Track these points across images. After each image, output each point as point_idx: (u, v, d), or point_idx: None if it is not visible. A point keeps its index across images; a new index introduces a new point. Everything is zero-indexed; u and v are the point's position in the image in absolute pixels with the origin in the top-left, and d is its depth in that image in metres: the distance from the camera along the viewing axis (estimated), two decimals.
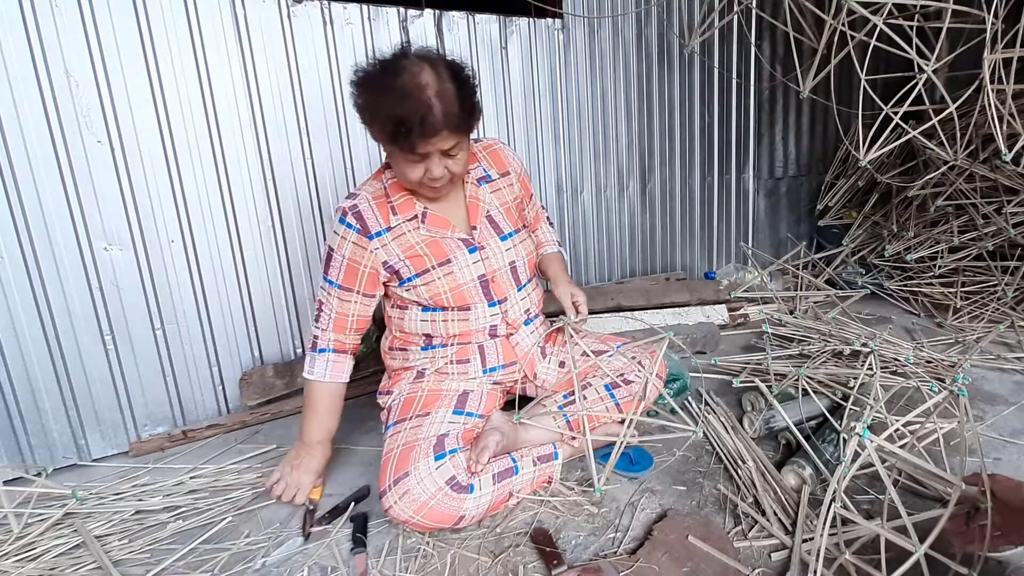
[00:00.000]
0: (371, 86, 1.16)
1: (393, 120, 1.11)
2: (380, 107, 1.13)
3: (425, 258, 1.32)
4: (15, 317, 1.50)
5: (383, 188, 1.33)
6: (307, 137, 1.89)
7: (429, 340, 1.40)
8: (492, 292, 1.38)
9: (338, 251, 1.32)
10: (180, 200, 1.71)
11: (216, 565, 1.18)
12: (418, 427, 1.27)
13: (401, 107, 1.10)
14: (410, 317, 1.39)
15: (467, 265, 1.35)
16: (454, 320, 1.37)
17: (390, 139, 1.15)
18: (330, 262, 1.34)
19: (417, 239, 1.32)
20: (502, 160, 1.47)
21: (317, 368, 1.37)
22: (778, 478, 1.31)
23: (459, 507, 1.17)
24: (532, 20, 2.26)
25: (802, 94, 2.34)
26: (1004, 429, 1.54)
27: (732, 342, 2.31)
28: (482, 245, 1.37)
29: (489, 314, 1.39)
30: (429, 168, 1.19)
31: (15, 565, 1.17)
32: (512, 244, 1.41)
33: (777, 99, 3.06)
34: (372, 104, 1.16)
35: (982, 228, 2.42)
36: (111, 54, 1.56)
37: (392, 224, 1.31)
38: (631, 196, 2.66)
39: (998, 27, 1.91)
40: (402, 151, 1.16)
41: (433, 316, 1.37)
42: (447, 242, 1.34)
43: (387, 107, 1.12)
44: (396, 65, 1.14)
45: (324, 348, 1.37)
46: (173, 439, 1.71)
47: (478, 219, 1.38)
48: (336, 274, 1.33)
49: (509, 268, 1.40)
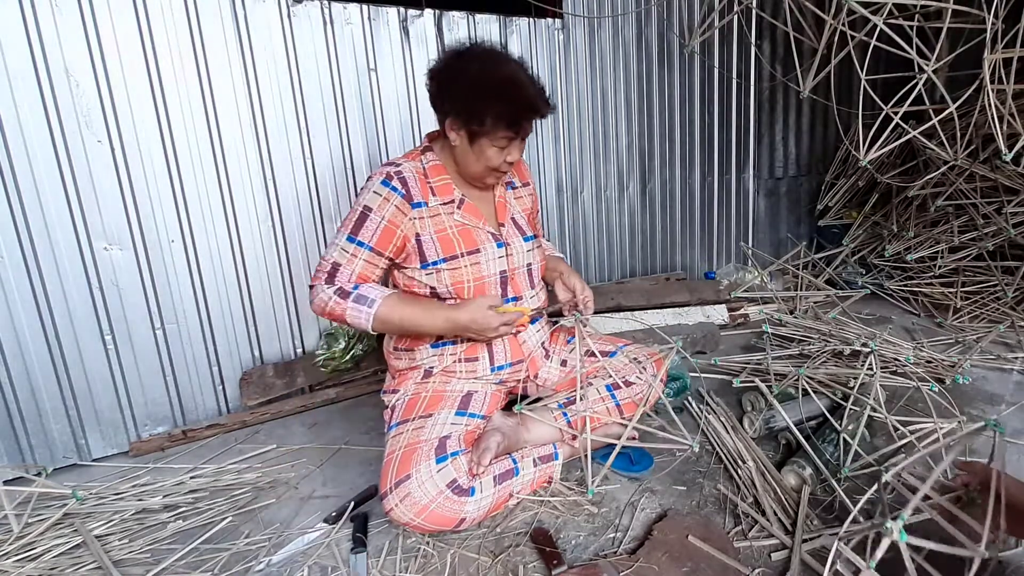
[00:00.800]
0: (482, 65, 1.24)
1: (514, 99, 1.21)
2: (499, 85, 1.21)
3: (456, 243, 1.33)
4: (15, 317, 1.50)
5: (422, 168, 1.34)
6: (307, 137, 1.89)
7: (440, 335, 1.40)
8: (510, 288, 1.40)
9: (377, 212, 1.27)
10: (180, 200, 1.71)
11: (216, 565, 1.18)
12: (420, 429, 1.27)
13: (518, 88, 1.22)
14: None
15: (493, 259, 1.36)
16: None
17: (506, 118, 1.22)
18: (363, 222, 1.27)
19: (451, 223, 1.34)
20: (523, 172, 1.56)
21: (370, 296, 1.25)
22: (778, 478, 1.31)
23: (460, 510, 1.17)
24: (532, 20, 2.26)
25: (802, 94, 2.34)
26: (1004, 429, 1.54)
27: (732, 342, 2.31)
28: (508, 242, 1.40)
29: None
30: (509, 152, 1.28)
31: (15, 565, 1.17)
32: (531, 247, 1.46)
33: (777, 99, 3.06)
34: (488, 80, 1.22)
35: (982, 228, 2.42)
36: (111, 54, 1.56)
37: (430, 202, 1.32)
38: (631, 196, 2.66)
39: (998, 27, 1.91)
40: (504, 132, 1.24)
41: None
42: (478, 232, 1.36)
43: (506, 86, 1.21)
44: (499, 55, 1.27)
45: (357, 285, 1.28)
46: (173, 439, 1.71)
47: (506, 218, 1.43)
48: (369, 236, 1.27)
49: (526, 269, 1.44)
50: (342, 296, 1.25)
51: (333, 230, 1.98)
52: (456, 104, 1.24)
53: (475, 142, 1.26)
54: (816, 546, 1.11)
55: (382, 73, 1.99)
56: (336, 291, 1.26)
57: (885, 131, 2.14)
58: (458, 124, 1.26)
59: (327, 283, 1.27)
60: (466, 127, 1.25)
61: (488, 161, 1.28)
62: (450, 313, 1.28)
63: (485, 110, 1.21)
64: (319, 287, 1.27)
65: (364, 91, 1.96)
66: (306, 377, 1.91)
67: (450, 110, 1.26)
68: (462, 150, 1.29)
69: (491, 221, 1.41)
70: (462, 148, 1.29)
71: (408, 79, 2.03)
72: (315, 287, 1.28)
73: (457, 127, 1.26)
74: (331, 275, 1.28)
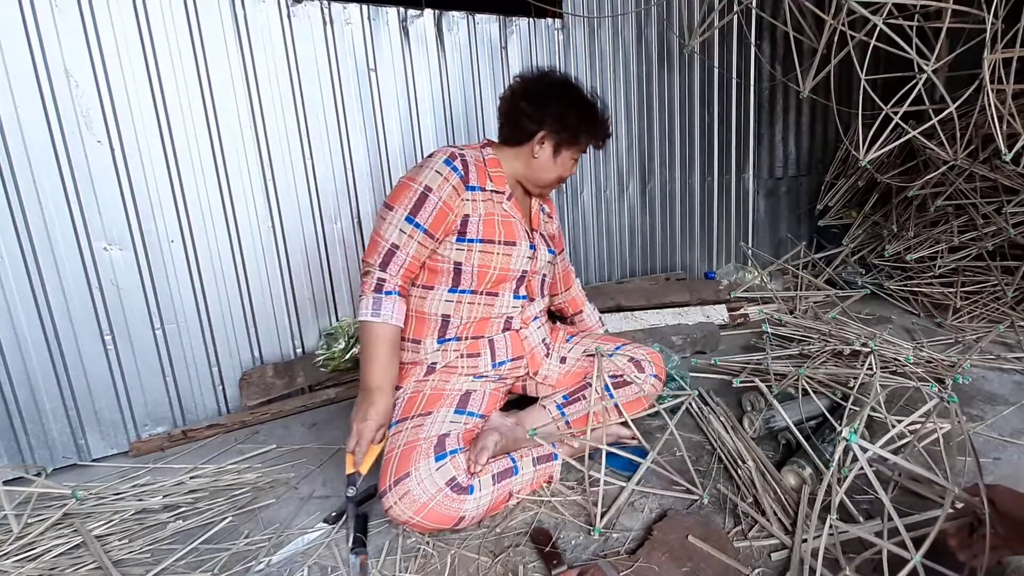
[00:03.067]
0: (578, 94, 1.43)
1: (601, 123, 1.45)
2: (593, 112, 1.43)
3: (497, 230, 1.38)
4: (15, 317, 1.50)
5: (482, 157, 1.42)
6: (307, 137, 1.89)
7: (445, 329, 1.40)
8: (524, 288, 1.46)
9: (437, 191, 1.30)
10: (180, 200, 1.71)
11: (216, 565, 1.18)
12: (419, 427, 1.27)
13: (601, 114, 1.45)
14: (434, 297, 1.38)
15: (523, 255, 1.41)
16: (479, 304, 1.39)
17: (591, 133, 1.44)
18: (423, 202, 1.30)
19: (499, 211, 1.40)
20: (550, 203, 1.68)
21: (384, 309, 1.29)
22: (778, 478, 1.31)
23: (459, 508, 1.17)
24: (532, 20, 2.26)
25: (802, 94, 2.34)
26: (1004, 429, 1.54)
27: (732, 342, 2.31)
28: (537, 246, 1.48)
29: (512, 304, 1.43)
30: (575, 165, 1.48)
31: (15, 565, 1.17)
32: (551, 260, 1.55)
33: (777, 99, 3.06)
34: (587, 108, 1.42)
35: (982, 228, 2.42)
36: (111, 54, 1.56)
37: (486, 187, 1.39)
38: (631, 196, 2.66)
39: (998, 27, 1.91)
40: (582, 146, 1.44)
41: (460, 297, 1.38)
42: (518, 227, 1.42)
43: (597, 113, 1.44)
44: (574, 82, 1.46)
45: (391, 291, 1.31)
46: (173, 439, 1.71)
47: (539, 227, 1.55)
48: (426, 217, 1.30)
49: (542, 277, 1.52)
50: (377, 290, 1.30)
51: (333, 230, 1.98)
52: (558, 122, 1.39)
53: (559, 154, 1.42)
54: (816, 546, 1.11)
55: (382, 73, 1.99)
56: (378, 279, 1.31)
57: (885, 131, 2.14)
58: (552, 138, 1.40)
59: (381, 268, 1.31)
60: (558, 139, 1.40)
61: (563, 171, 1.45)
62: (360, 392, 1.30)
63: (584, 130, 1.42)
64: (373, 269, 1.31)
65: (364, 91, 1.96)
66: (306, 377, 1.91)
67: (548, 124, 1.39)
68: (544, 160, 1.43)
69: (527, 223, 1.49)
70: (544, 158, 1.42)
71: (408, 79, 2.03)
72: (370, 267, 1.32)
73: (548, 140, 1.40)
74: (387, 259, 1.31)
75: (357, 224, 2.02)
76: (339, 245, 2.00)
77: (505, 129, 1.45)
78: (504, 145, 1.46)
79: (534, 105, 1.39)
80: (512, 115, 1.42)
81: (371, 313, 1.28)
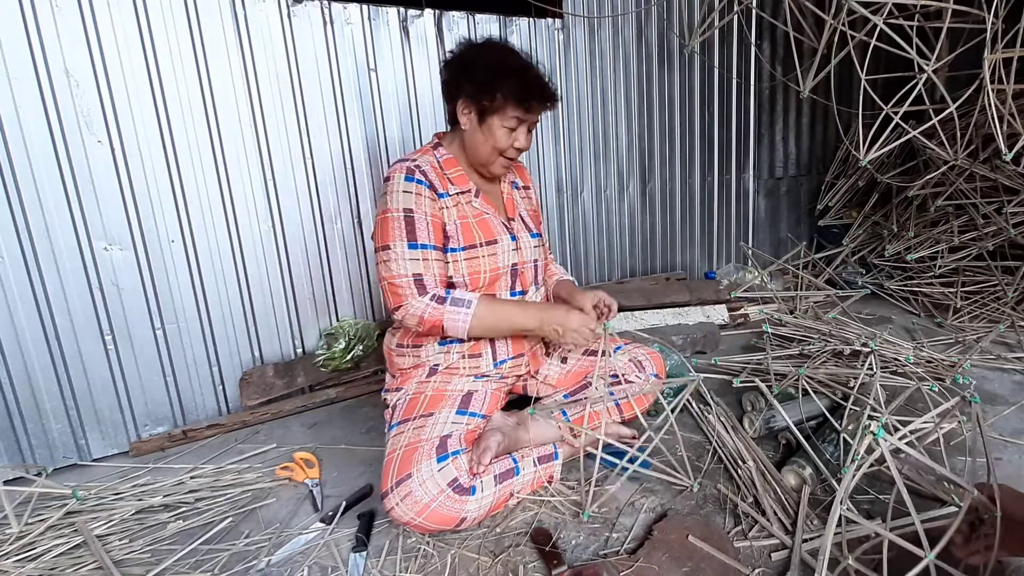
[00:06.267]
0: (497, 51, 1.31)
1: (526, 79, 1.27)
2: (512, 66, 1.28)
3: (475, 233, 1.35)
4: (15, 317, 1.50)
5: (436, 162, 1.37)
6: (307, 137, 1.89)
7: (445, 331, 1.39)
8: (518, 282, 1.43)
9: (418, 209, 1.28)
10: (180, 200, 1.71)
11: (216, 565, 1.18)
12: (421, 428, 1.27)
13: (530, 71, 1.29)
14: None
15: (507, 250, 1.39)
16: None
17: (516, 94, 1.26)
18: (412, 224, 1.27)
19: (470, 212, 1.36)
20: (525, 175, 1.60)
21: (465, 297, 1.28)
22: (778, 478, 1.31)
23: (461, 509, 1.17)
24: (532, 20, 2.26)
25: (802, 94, 2.34)
26: (1004, 429, 1.54)
27: (732, 342, 2.31)
28: (518, 236, 1.43)
29: None
30: (517, 137, 1.32)
31: (15, 565, 1.17)
32: (538, 243, 1.49)
33: (777, 99, 3.06)
34: (502, 62, 1.28)
35: (982, 228, 2.42)
36: (111, 54, 1.56)
37: (450, 191, 1.35)
38: (631, 196, 2.66)
39: (998, 27, 1.91)
40: (513, 112, 1.28)
41: None
42: (494, 223, 1.39)
43: (519, 68, 1.28)
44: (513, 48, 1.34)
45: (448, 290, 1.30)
46: (173, 439, 1.71)
47: (515, 213, 1.47)
48: (426, 235, 1.28)
49: (533, 264, 1.47)
50: (439, 302, 1.26)
51: (333, 230, 1.98)
52: (470, 83, 1.28)
53: (485, 121, 1.30)
54: (816, 546, 1.11)
55: (382, 73, 1.99)
56: (432, 298, 1.26)
57: (885, 131, 2.14)
58: (470, 103, 1.30)
59: (416, 293, 1.26)
60: (477, 104, 1.29)
61: (496, 142, 1.31)
62: (544, 314, 1.33)
63: (497, 86, 1.26)
64: (409, 303, 1.26)
65: (364, 91, 1.96)
66: (306, 377, 1.91)
67: (464, 89, 1.30)
68: (472, 132, 1.32)
69: (502, 215, 1.44)
70: (472, 130, 1.32)
71: (408, 79, 2.03)
72: (404, 305, 1.26)
73: (468, 107, 1.30)
74: (419, 286, 1.26)
75: (357, 224, 2.02)
76: (339, 245, 2.00)
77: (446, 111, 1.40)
78: (452, 133, 1.41)
79: (452, 71, 1.33)
80: (442, 91, 1.38)
81: (463, 312, 1.26)
